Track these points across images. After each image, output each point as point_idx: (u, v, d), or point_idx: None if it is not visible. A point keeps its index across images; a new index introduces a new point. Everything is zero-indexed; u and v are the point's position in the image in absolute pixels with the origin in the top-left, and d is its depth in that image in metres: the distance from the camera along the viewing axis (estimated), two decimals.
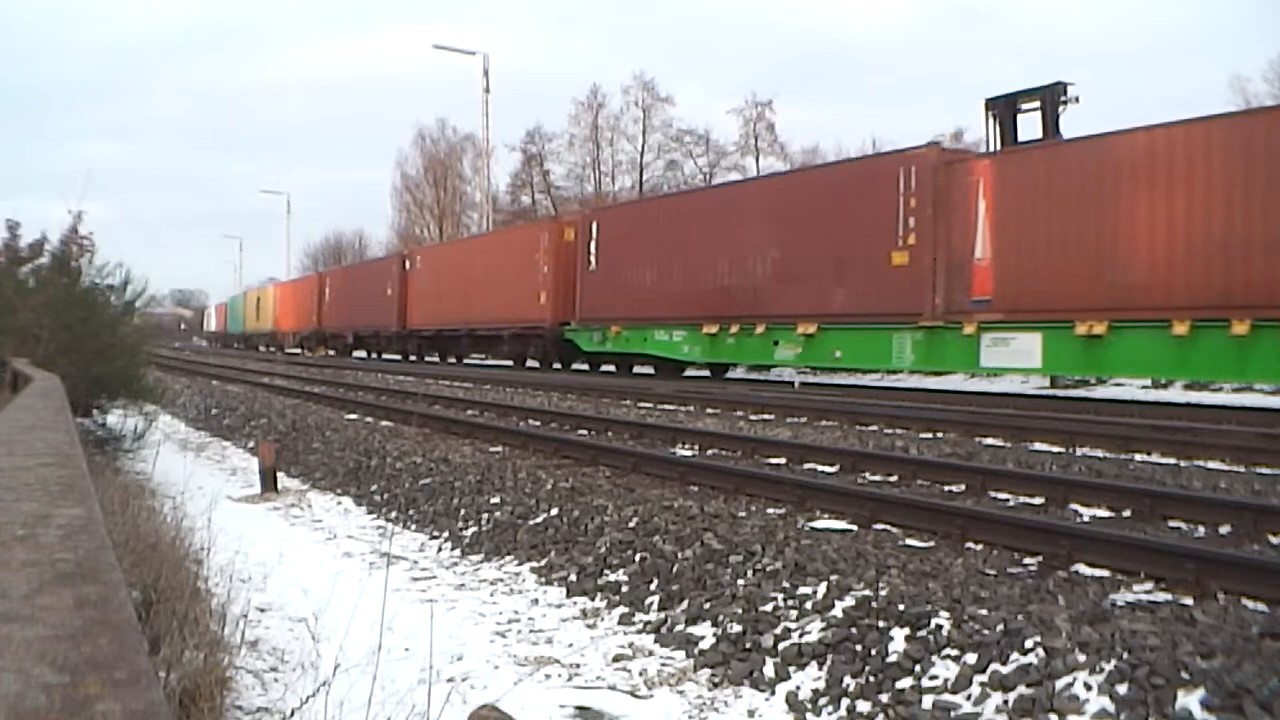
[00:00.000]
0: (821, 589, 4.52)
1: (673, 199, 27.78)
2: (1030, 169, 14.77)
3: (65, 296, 10.54)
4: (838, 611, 4.29)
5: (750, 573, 4.92)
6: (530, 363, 28.09)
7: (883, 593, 4.31)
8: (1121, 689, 3.27)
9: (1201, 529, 5.68)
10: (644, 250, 22.28)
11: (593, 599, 5.35)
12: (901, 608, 4.12)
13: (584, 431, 11.15)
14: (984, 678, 3.60)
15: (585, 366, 26.93)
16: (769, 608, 4.52)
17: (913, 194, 15.99)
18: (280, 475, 9.77)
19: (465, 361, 32.64)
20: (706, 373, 23.97)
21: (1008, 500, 6.62)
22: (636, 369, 24.56)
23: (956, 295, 15.38)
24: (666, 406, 14.53)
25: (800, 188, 19.75)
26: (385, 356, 39.63)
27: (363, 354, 42.34)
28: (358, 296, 40.96)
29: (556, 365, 27.16)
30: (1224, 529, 5.58)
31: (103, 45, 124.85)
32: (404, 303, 35.84)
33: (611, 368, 25.59)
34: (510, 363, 28.91)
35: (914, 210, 15.97)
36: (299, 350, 49.94)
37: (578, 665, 4.39)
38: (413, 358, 36.01)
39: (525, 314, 26.55)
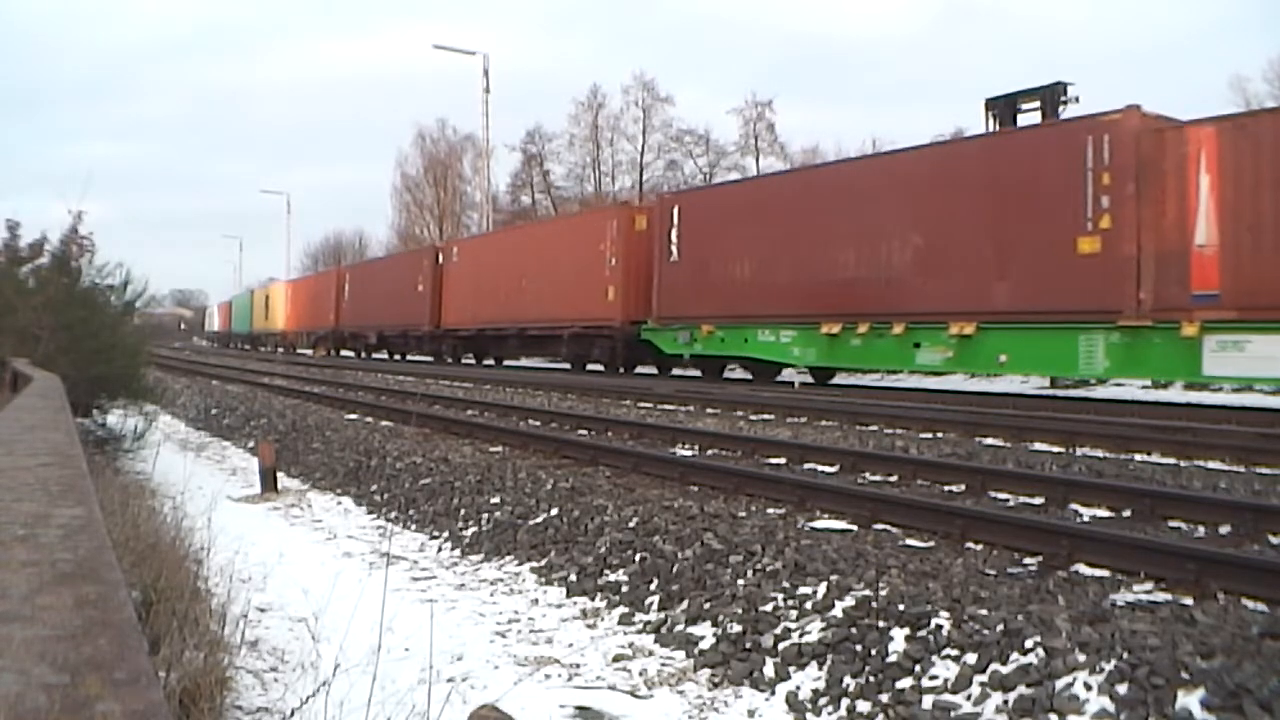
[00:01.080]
0: (821, 589, 4.52)
1: (779, 178, 23.17)
2: (1272, 137, 12.17)
3: (65, 296, 10.54)
4: (838, 611, 4.29)
5: (750, 573, 4.92)
6: (591, 365, 25.28)
7: (883, 593, 4.31)
8: (1121, 689, 3.27)
9: (1201, 529, 5.68)
10: (741, 238, 19.45)
11: (593, 599, 5.35)
12: (901, 608, 4.12)
13: (584, 431, 11.14)
14: (984, 678, 3.60)
15: (654, 370, 24.32)
16: (769, 608, 4.52)
17: (1105, 168, 13.44)
18: (280, 475, 9.78)
19: (511, 364, 29.97)
20: (809, 377, 20.65)
21: (1008, 500, 6.61)
22: (716, 371, 22.12)
23: (1170, 290, 12.86)
24: (666, 406, 14.53)
25: (950, 162, 16.37)
26: (411, 359, 36.45)
27: (384, 355, 39.21)
28: (383, 293, 37.53)
29: (625, 369, 24.35)
30: (1224, 529, 5.58)
31: (103, 45, 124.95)
32: (438, 300, 32.72)
33: (691, 371, 23.07)
34: (568, 366, 25.97)
35: (1108, 188, 13.43)
36: (311, 351, 47.55)
37: (578, 665, 4.39)
38: (448, 359, 33.03)
39: (589, 312, 23.59)
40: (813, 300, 17.75)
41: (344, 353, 43.82)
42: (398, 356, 38.13)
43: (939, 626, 3.92)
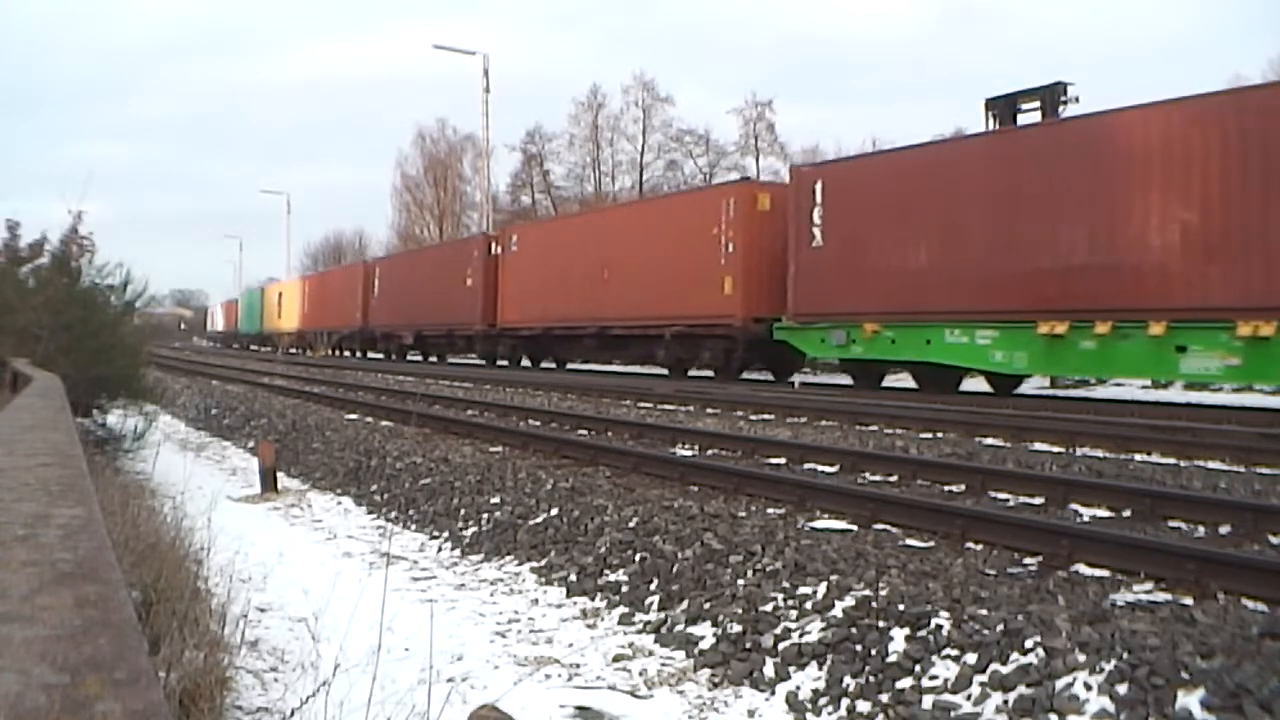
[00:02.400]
0: (821, 589, 4.52)
1: (971, 142, 17.30)
2: None
3: (65, 296, 10.54)
4: (838, 611, 4.29)
5: (750, 573, 4.92)
6: (693, 370, 21.69)
7: (883, 593, 4.31)
8: (1121, 689, 3.27)
9: (1201, 529, 5.68)
10: (915, 216, 16.06)
11: (593, 599, 5.35)
12: (901, 608, 4.12)
13: (584, 431, 11.14)
14: (984, 678, 3.60)
15: (769, 376, 21.17)
16: (769, 608, 4.52)
17: None
18: (280, 475, 9.78)
19: (587, 367, 26.98)
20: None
21: (1008, 500, 6.62)
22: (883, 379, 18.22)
23: None
24: (666, 406, 14.53)
25: (1249, 119, 12.33)
26: (453, 360, 33.14)
27: (419, 357, 35.83)
28: (422, 288, 33.26)
29: (742, 374, 20.87)
30: (1224, 529, 5.58)
31: (103, 45, 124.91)
32: (492, 295, 28.80)
33: (837, 377, 20.00)
34: (664, 371, 22.49)
35: None
36: (331, 352, 43.87)
37: (578, 665, 4.39)
38: (501, 362, 29.48)
39: (699, 307, 20.01)
40: (1024, 292, 14.30)
41: (371, 355, 40.11)
42: (433, 359, 34.95)
43: (939, 626, 3.92)
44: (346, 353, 42.99)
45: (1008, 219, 14.69)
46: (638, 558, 5.56)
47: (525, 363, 29.09)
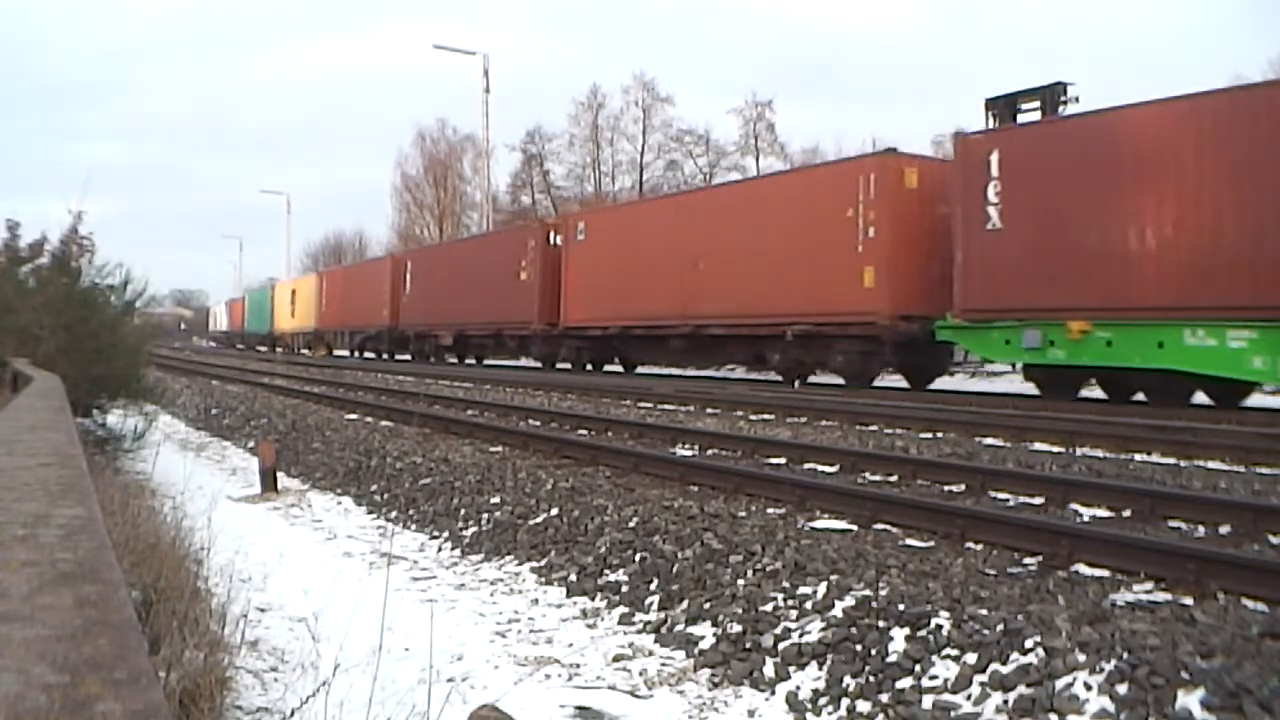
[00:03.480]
0: (821, 589, 4.52)
1: (1218, 98, 12.98)
2: None
3: (65, 296, 10.54)
4: (838, 611, 4.29)
5: (750, 573, 4.92)
6: (814, 376, 18.97)
7: (883, 593, 4.31)
8: (1121, 689, 3.27)
9: (1201, 529, 5.68)
10: (1135, 189, 13.16)
11: (593, 599, 5.35)
12: (901, 608, 4.12)
13: (584, 431, 11.14)
14: (984, 677, 3.60)
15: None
16: (769, 608, 4.52)
17: None
18: (280, 475, 9.77)
19: (669, 372, 24.12)
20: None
21: (1008, 500, 6.62)
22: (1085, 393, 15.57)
23: None
24: (666, 406, 14.53)
25: None
26: (498, 364, 30.17)
27: (461, 360, 32.25)
28: (465, 284, 29.72)
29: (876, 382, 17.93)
30: (1224, 529, 5.58)
31: (103, 45, 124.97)
32: (552, 291, 25.45)
33: (996, 382, 18.62)
34: (776, 377, 19.59)
35: None
36: (353, 354, 40.49)
37: (578, 665, 4.39)
38: (562, 365, 26.26)
39: (829, 302, 17.06)
40: None
41: (400, 356, 36.81)
42: (469, 361, 31.95)
43: (939, 626, 3.92)
44: (370, 354, 39.66)
45: (1276, 192, 11.58)
46: (638, 558, 5.56)
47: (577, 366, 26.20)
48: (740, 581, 4.86)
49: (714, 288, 19.92)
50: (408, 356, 35.94)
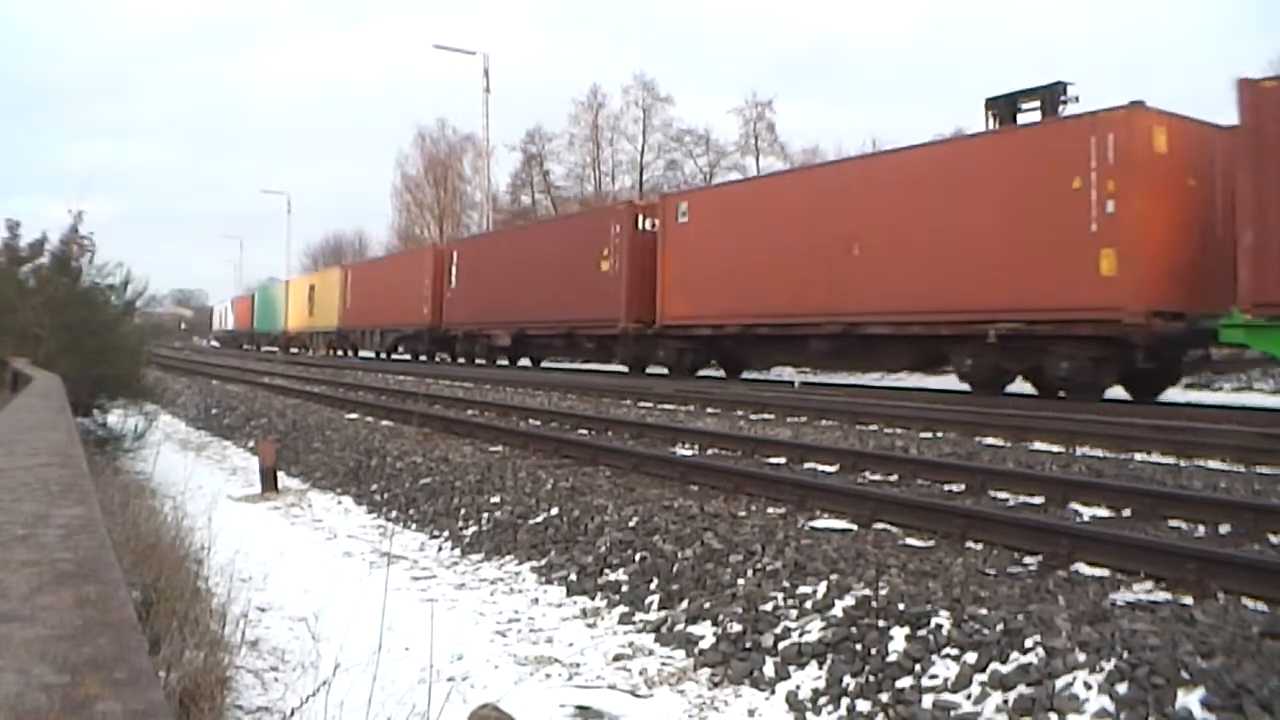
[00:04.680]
0: (821, 588, 4.52)
1: None
2: None
3: (65, 296, 10.55)
4: (838, 611, 4.29)
5: (750, 572, 4.92)
6: (1011, 384, 15.51)
7: (883, 592, 4.31)
8: (1121, 688, 3.27)
9: (1201, 529, 5.68)
10: None
11: (593, 598, 5.35)
12: (901, 607, 4.12)
13: (584, 431, 11.14)
14: (984, 677, 3.60)
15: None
16: (769, 607, 4.52)
17: None
18: (280, 475, 9.78)
19: (812, 378, 20.90)
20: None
21: (1008, 500, 6.61)
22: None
23: None
24: (666, 406, 14.53)
25: None
26: (556, 365, 27.16)
27: (511, 362, 28.29)
28: (527, 277, 26.09)
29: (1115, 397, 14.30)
30: (1224, 529, 5.58)
31: (102, 45, 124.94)
32: (643, 283, 21.55)
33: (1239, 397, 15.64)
34: (963, 387, 15.96)
35: None
36: (379, 355, 37.04)
37: (578, 665, 4.39)
38: (654, 370, 22.36)
39: (1046, 295, 13.75)
40: None
41: (440, 356, 33.35)
42: (524, 364, 28.21)
43: (939, 626, 3.92)
44: (405, 355, 36.07)
45: None
46: (638, 557, 5.56)
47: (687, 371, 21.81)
48: (740, 581, 4.86)
49: (875, 277, 16.14)
50: (446, 357, 32.64)
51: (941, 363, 16.82)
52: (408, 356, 35.60)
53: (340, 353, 42.76)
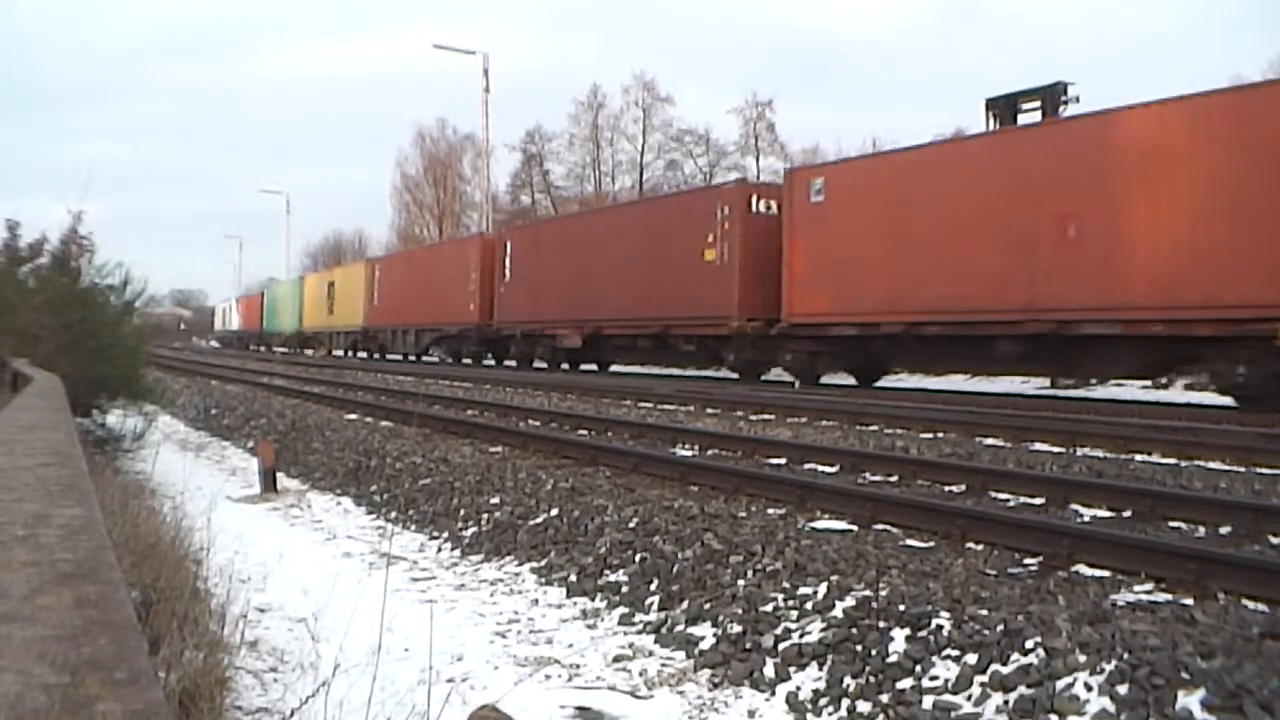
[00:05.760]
0: (822, 589, 4.52)
1: None
2: None
3: (65, 296, 10.54)
4: (838, 612, 4.29)
5: (750, 573, 4.92)
6: None
7: (883, 593, 4.31)
8: (1122, 689, 3.27)
9: (1201, 529, 5.68)
10: None
11: (593, 599, 5.35)
12: (902, 608, 4.11)
13: (584, 431, 11.14)
14: (984, 678, 3.59)
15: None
16: (769, 608, 4.52)
17: None
18: (280, 475, 9.77)
19: (989, 387, 18.05)
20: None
21: (1008, 500, 6.61)
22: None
23: None
24: (666, 406, 14.52)
25: None
26: (638, 370, 23.96)
27: (571, 366, 25.54)
28: (604, 269, 22.65)
29: None
30: (1224, 529, 5.58)
31: (102, 45, 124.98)
32: (763, 275, 18.45)
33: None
34: (1228, 400, 13.29)
35: None
36: (407, 357, 33.60)
37: (578, 665, 4.39)
38: (772, 376, 19.99)
39: None
40: None
41: (478, 361, 29.99)
42: (599, 365, 25.22)
43: (939, 627, 3.92)
44: (445, 358, 32.43)
45: None
46: (638, 558, 5.55)
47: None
48: (740, 582, 4.86)
49: (1099, 265, 13.34)
50: (491, 361, 29.37)
51: (1178, 369, 14.46)
52: (449, 360, 31.95)
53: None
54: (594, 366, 25.81)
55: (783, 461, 8.51)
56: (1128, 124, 13.65)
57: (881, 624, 4.08)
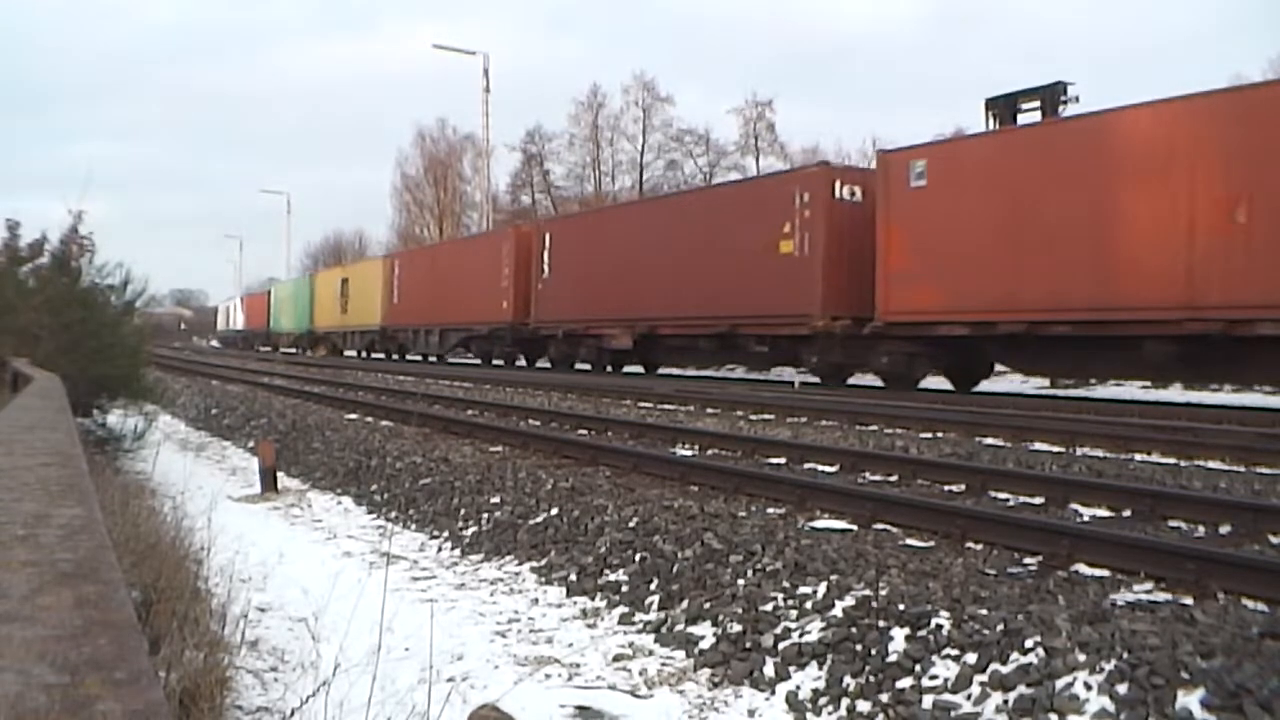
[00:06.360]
0: (821, 589, 4.52)
1: None
2: None
3: (65, 296, 10.54)
4: (838, 611, 4.29)
5: (750, 572, 4.92)
6: None
7: (883, 592, 4.31)
8: (1121, 689, 3.27)
9: (1201, 529, 5.68)
10: None
11: (593, 599, 5.35)
12: (901, 607, 4.12)
13: (584, 431, 11.14)
14: (984, 677, 3.60)
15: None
16: (769, 607, 4.52)
17: None
18: (280, 475, 9.77)
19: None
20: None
21: (1008, 500, 6.61)
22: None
23: None
24: (666, 406, 14.52)
25: None
26: (690, 373, 22.49)
27: (589, 367, 24.11)
28: (659, 263, 20.75)
29: None
30: (1224, 529, 5.58)
31: (102, 45, 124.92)
32: (848, 267, 16.85)
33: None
34: None
35: None
36: (426, 358, 31.93)
37: (578, 665, 4.39)
38: (858, 380, 18.44)
39: None
40: None
41: (502, 363, 28.35)
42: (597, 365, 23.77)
43: (939, 626, 3.92)
44: (473, 359, 30.84)
45: None
46: (638, 557, 5.56)
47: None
48: (740, 581, 4.86)
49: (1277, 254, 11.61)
50: (521, 362, 27.59)
51: None
52: (476, 361, 30.20)
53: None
54: (640, 369, 24.07)
55: (783, 461, 8.51)
56: None
57: (881, 623, 4.08)
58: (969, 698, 3.56)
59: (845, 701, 3.79)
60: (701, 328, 19.93)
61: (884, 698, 3.72)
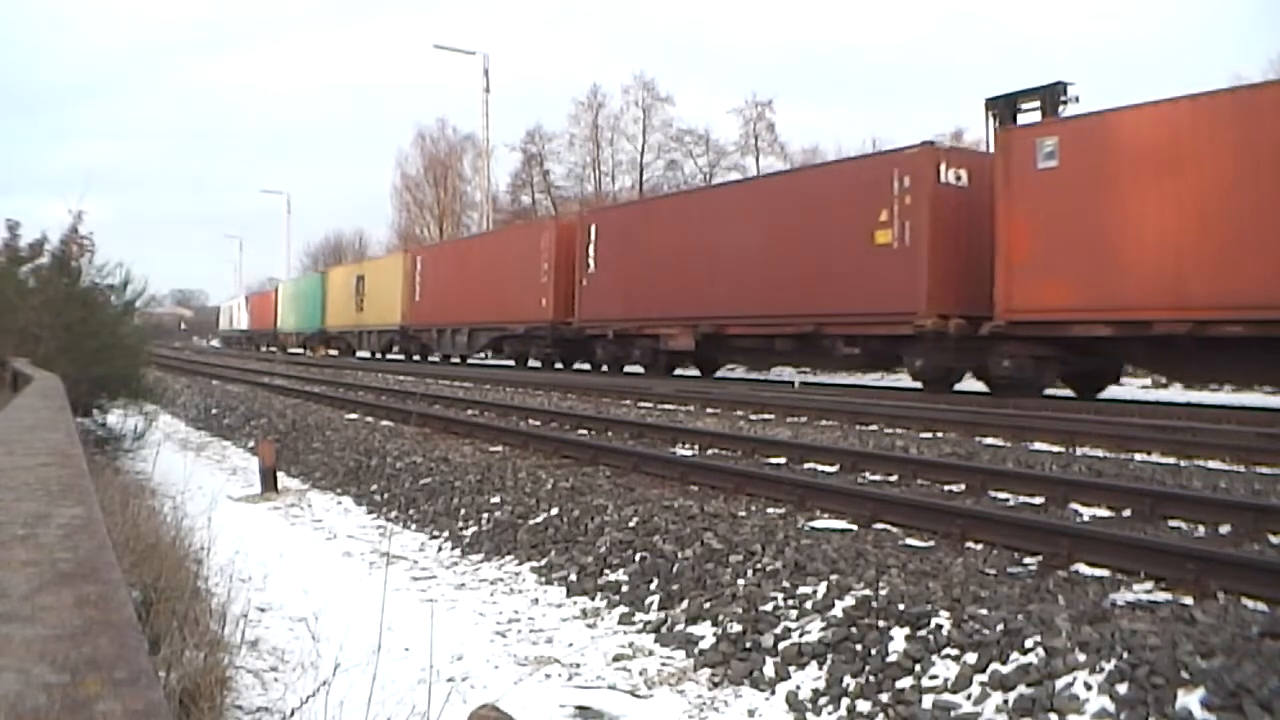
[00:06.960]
0: (821, 589, 4.52)
1: None
2: None
3: (65, 296, 10.55)
4: (838, 611, 4.29)
5: (750, 572, 4.92)
6: None
7: (883, 592, 4.31)
8: (1121, 688, 3.27)
9: (1201, 529, 5.68)
10: None
11: (593, 598, 5.35)
12: (901, 607, 4.12)
13: (584, 431, 11.14)
14: (984, 677, 3.60)
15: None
16: (769, 607, 4.52)
17: None
18: (280, 475, 9.77)
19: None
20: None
21: (1008, 500, 6.62)
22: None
23: None
24: (666, 406, 14.52)
25: None
26: (759, 376, 21.39)
27: (645, 368, 21.84)
28: (728, 255, 18.73)
29: None
30: (1224, 529, 5.58)
31: (102, 45, 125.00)
32: (955, 261, 14.96)
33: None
34: None
35: None
36: (447, 359, 30.35)
37: (578, 665, 4.39)
38: (974, 386, 16.13)
39: None
40: None
41: (533, 364, 26.56)
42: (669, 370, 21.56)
43: (939, 626, 3.92)
44: (503, 360, 28.93)
45: None
46: (638, 557, 5.56)
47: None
48: (740, 581, 4.86)
49: None
50: (560, 366, 25.44)
51: None
52: (507, 363, 28.26)
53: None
54: (696, 371, 22.08)
55: (783, 461, 8.51)
56: None
57: (881, 623, 4.08)
58: (969, 697, 3.56)
59: (845, 701, 3.79)
60: (778, 327, 17.79)
61: (884, 698, 3.72)
